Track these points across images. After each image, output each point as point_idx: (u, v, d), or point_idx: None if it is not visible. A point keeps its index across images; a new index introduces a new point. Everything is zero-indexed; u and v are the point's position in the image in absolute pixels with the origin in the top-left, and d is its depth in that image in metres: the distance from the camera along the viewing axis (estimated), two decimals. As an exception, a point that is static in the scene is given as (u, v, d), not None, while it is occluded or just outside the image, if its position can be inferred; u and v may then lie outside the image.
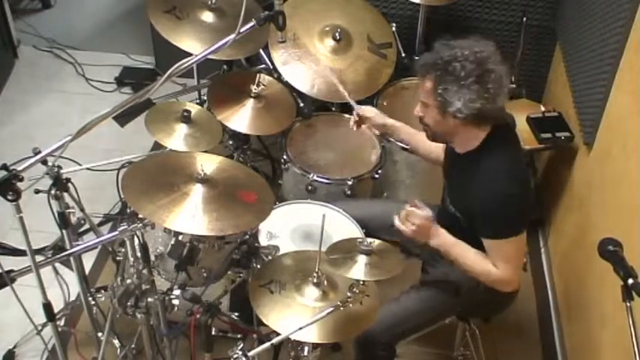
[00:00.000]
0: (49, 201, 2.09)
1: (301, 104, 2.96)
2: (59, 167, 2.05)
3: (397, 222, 2.12)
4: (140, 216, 1.96)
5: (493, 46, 2.01)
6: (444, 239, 2.13)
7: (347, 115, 3.05)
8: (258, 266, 2.19)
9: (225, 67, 3.35)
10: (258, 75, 2.76)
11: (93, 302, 2.45)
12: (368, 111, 2.54)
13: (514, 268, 2.10)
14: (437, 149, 2.38)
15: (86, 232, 2.61)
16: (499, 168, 2.05)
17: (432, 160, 2.45)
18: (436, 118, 2.05)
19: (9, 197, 1.73)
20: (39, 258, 1.94)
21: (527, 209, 2.17)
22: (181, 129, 2.47)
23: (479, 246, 2.11)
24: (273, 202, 2.28)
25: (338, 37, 3.02)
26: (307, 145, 2.95)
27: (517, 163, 2.13)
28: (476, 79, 1.95)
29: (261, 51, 3.00)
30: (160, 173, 2.09)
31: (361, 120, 2.53)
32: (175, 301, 2.12)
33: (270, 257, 2.21)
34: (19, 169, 1.74)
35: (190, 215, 1.93)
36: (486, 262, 2.09)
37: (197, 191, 1.99)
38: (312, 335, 1.86)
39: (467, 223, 2.12)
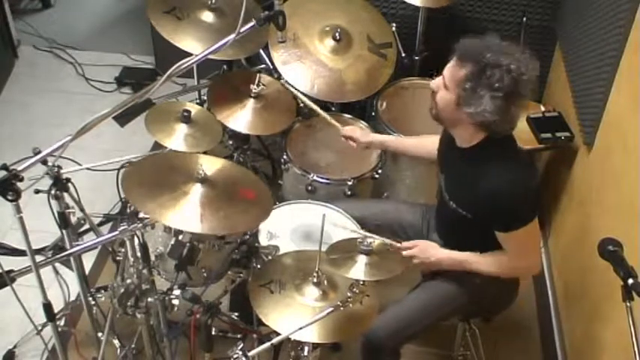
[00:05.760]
0: (49, 201, 2.09)
1: (301, 104, 2.96)
2: (59, 167, 2.05)
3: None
4: (140, 216, 1.96)
5: (536, 70, 1.96)
6: (452, 261, 2.19)
7: (347, 115, 3.05)
8: (258, 266, 2.19)
9: (225, 67, 3.35)
10: (258, 75, 2.77)
11: (93, 302, 2.45)
12: (351, 131, 2.64)
13: (534, 252, 2.14)
14: (432, 146, 2.41)
15: (86, 232, 2.60)
16: (505, 162, 2.04)
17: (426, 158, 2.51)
18: (449, 103, 2.00)
19: (9, 197, 1.73)
20: (39, 258, 1.94)
21: (537, 195, 2.17)
22: (181, 129, 2.47)
23: (487, 237, 2.11)
24: (273, 202, 2.28)
25: (338, 37, 3.02)
26: (307, 145, 2.96)
27: (518, 154, 2.13)
28: (505, 95, 1.90)
29: (261, 51, 3.00)
30: (160, 173, 2.08)
31: (348, 138, 2.64)
32: (175, 301, 2.12)
33: (270, 257, 2.21)
34: (19, 169, 1.74)
35: (190, 215, 1.93)
36: (501, 261, 2.11)
37: (197, 191, 1.99)
38: (312, 335, 1.86)
39: (474, 217, 2.10)
